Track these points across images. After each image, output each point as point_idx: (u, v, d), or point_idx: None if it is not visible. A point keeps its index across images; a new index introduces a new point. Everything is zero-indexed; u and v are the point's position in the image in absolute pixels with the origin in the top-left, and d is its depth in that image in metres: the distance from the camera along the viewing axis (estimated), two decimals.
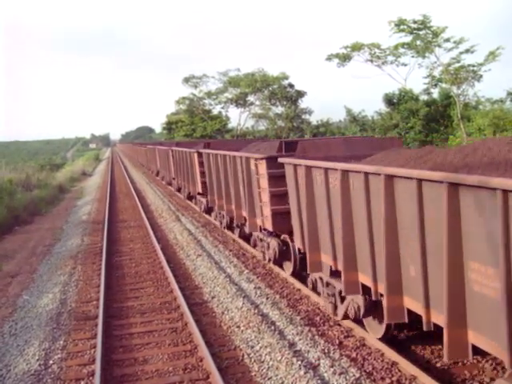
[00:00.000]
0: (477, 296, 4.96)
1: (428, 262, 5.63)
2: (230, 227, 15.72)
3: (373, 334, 7.62)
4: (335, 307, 8.36)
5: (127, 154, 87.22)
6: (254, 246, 13.08)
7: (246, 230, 13.17)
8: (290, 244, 10.66)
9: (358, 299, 7.49)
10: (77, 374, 7.22)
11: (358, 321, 7.91)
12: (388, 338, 7.42)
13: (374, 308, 7.36)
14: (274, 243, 11.16)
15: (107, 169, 54.72)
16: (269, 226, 11.08)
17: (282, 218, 10.47)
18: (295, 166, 8.83)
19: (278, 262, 11.32)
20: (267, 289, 10.36)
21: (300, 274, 10.70)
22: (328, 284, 8.54)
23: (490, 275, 4.74)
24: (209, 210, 18.66)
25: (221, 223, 16.48)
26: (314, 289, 9.29)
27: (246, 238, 14.09)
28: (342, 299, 8.08)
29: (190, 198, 22.74)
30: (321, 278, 8.77)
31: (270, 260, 11.52)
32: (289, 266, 11.00)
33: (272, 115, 57.06)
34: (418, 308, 5.92)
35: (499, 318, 4.57)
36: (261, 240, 12.14)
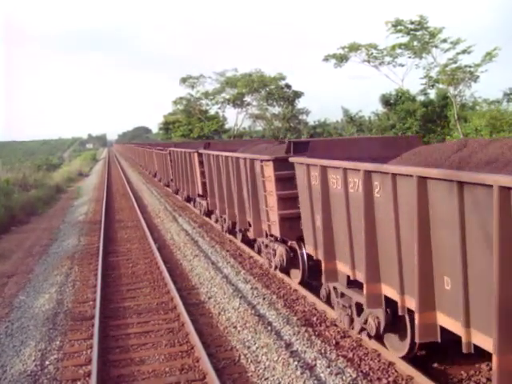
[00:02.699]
0: None
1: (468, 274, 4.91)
2: (231, 231, 14.94)
3: (394, 351, 6.97)
4: (351, 320, 7.65)
5: (125, 155, 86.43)
6: (259, 252, 12.38)
7: (251, 235, 12.56)
8: (298, 251, 10.07)
9: (379, 313, 6.83)
10: (73, 375, 7.21)
11: (377, 337, 7.14)
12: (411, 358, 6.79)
13: (396, 323, 6.71)
14: (281, 250, 10.50)
15: (104, 169, 54.65)
16: (276, 232, 10.42)
17: (290, 223, 9.91)
18: (308, 166, 8.19)
19: (285, 269, 10.67)
20: (264, 289, 10.36)
21: (308, 282, 10.21)
22: (343, 295, 7.89)
23: None
24: (209, 213, 17.96)
25: (222, 227, 15.65)
26: (328, 300, 8.60)
27: (249, 243, 13.66)
28: (359, 312, 7.39)
29: (189, 200, 22.11)
30: (335, 288, 8.14)
31: (276, 267, 10.83)
32: (297, 274, 10.33)
33: (269, 116, 57.14)
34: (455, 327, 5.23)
35: None
36: (266, 246, 11.46)
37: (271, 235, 10.96)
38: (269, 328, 8.31)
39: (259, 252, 12.32)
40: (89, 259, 13.69)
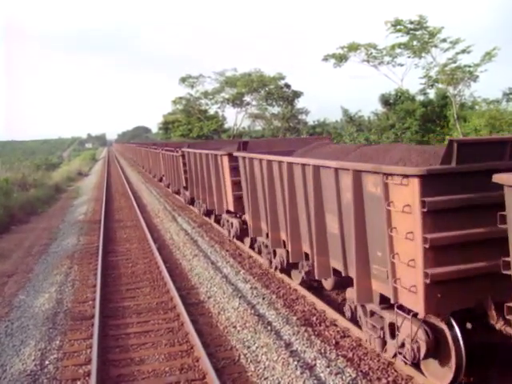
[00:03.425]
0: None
1: None
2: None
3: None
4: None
5: (125, 155, 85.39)
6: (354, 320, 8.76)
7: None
8: (448, 332, 6.55)
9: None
10: (73, 374, 7.21)
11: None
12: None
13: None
14: (414, 331, 7.20)
15: (103, 169, 54.62)
16: (413, 304, 6.34)
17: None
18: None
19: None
20: (263, 289, 10.36)
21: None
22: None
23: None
24: (241, 236, 14.04)
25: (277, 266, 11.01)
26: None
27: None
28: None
29: (209, 214, 18.01)
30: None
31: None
32: (438, 372, 6.77)
33: (268, 115, 57.24)
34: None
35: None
36: (372, 314, 7.53)
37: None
38: (268, 328, 8.31)
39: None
40: (88, 259, 13.69)
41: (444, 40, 35.96)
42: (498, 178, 4.76)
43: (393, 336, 6.62)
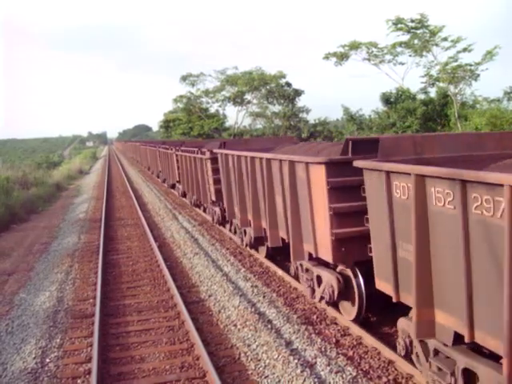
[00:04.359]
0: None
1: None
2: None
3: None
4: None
5: (126, 154, 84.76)
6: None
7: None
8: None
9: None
10: (73, 373, 7.22)
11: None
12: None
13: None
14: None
15: (104, 167, 54.63)
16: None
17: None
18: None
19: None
20: (264, 287, 10.37)
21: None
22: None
23: None
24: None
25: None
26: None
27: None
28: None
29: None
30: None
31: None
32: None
33: (269, 114, 57.11)
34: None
35: None
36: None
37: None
38: (269, 326, 8.32)
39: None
40: (89, 257, 13.70)
41: (445, 39, 35.94)
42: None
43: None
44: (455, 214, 4.95)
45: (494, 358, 5.02)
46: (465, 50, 35.21)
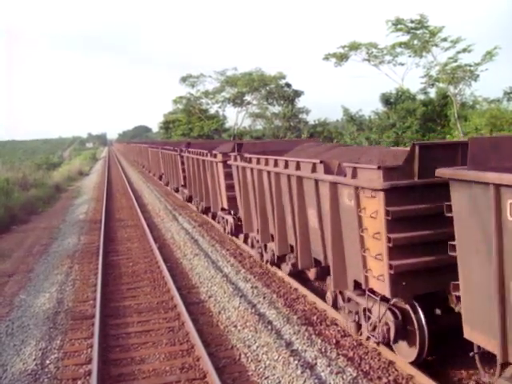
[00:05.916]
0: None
1: None
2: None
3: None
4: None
5: (126, 155, 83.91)
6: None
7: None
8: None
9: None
10: (74, 374, 7.21)
11: None
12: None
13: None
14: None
15: (104, 168, 54.60)
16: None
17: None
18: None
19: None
20: (264, 288, 10.36)
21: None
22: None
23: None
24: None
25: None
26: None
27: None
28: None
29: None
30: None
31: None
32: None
33: (269, 115, 57.09)
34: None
35: None
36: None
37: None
38: (269, 327, 8.31)
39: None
40: (89, 258, 13.69)
41: (445, 39, 35.97)
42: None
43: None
44: None
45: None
46: (464, 50, 35.24)
